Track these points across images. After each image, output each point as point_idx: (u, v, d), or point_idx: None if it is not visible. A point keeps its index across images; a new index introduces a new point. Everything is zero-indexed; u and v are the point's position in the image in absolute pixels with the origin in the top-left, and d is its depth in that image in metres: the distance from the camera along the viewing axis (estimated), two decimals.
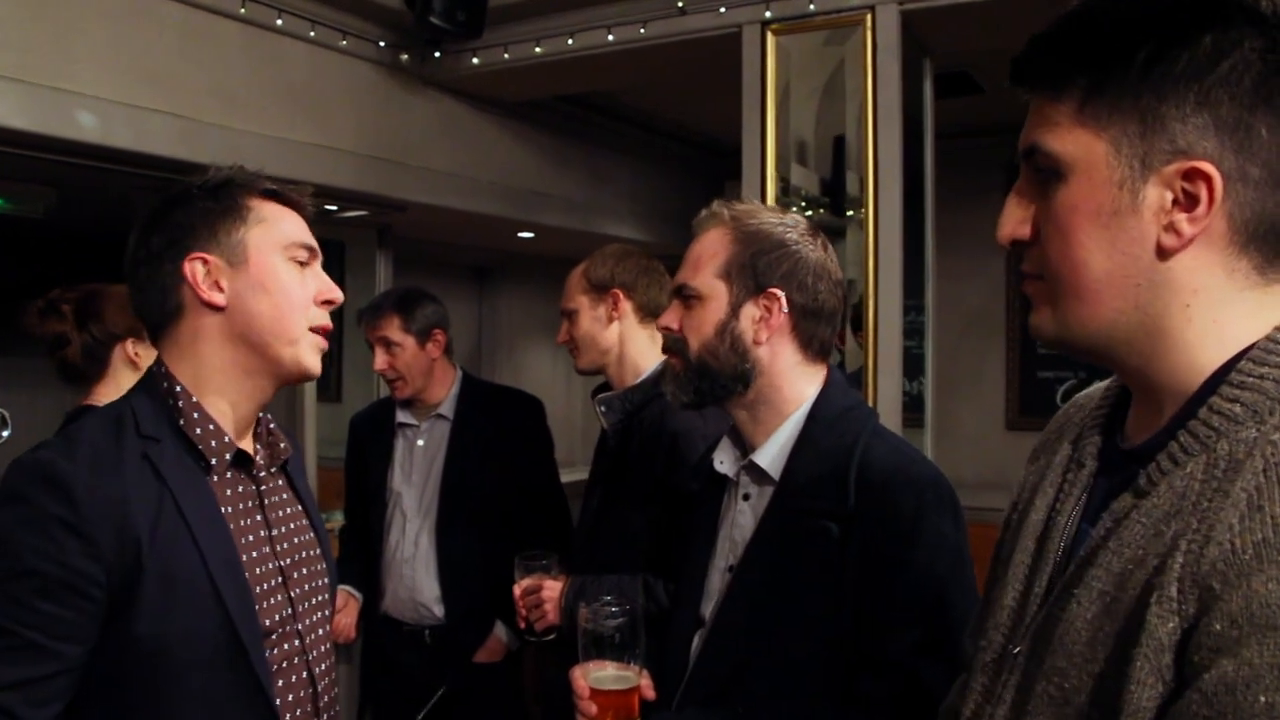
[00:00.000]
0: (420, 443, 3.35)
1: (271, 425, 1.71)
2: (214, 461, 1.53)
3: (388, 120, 4.28)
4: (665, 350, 1.83)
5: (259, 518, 1.60)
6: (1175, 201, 0.91)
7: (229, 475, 1.56)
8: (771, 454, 1.74)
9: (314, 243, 1.63)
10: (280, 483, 1.70)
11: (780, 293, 1.72)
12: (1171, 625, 0.82)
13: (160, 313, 1.57)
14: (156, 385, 1.55)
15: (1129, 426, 1.03)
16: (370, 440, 3.48)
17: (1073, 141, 0.94)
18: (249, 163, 3.40)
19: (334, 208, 4.25)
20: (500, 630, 3.29)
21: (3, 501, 1.41)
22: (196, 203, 1.56)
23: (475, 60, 4.24)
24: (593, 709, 1.70)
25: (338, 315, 5.27)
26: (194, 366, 1.55)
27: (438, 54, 4.27)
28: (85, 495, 1.37)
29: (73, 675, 1.38)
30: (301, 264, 1.60)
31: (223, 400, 1.56)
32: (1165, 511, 0.88)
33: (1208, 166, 0.89)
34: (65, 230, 4.00)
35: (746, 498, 1.78)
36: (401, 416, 3.38)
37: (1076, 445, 1.08)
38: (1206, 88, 0.88)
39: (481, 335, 7.10)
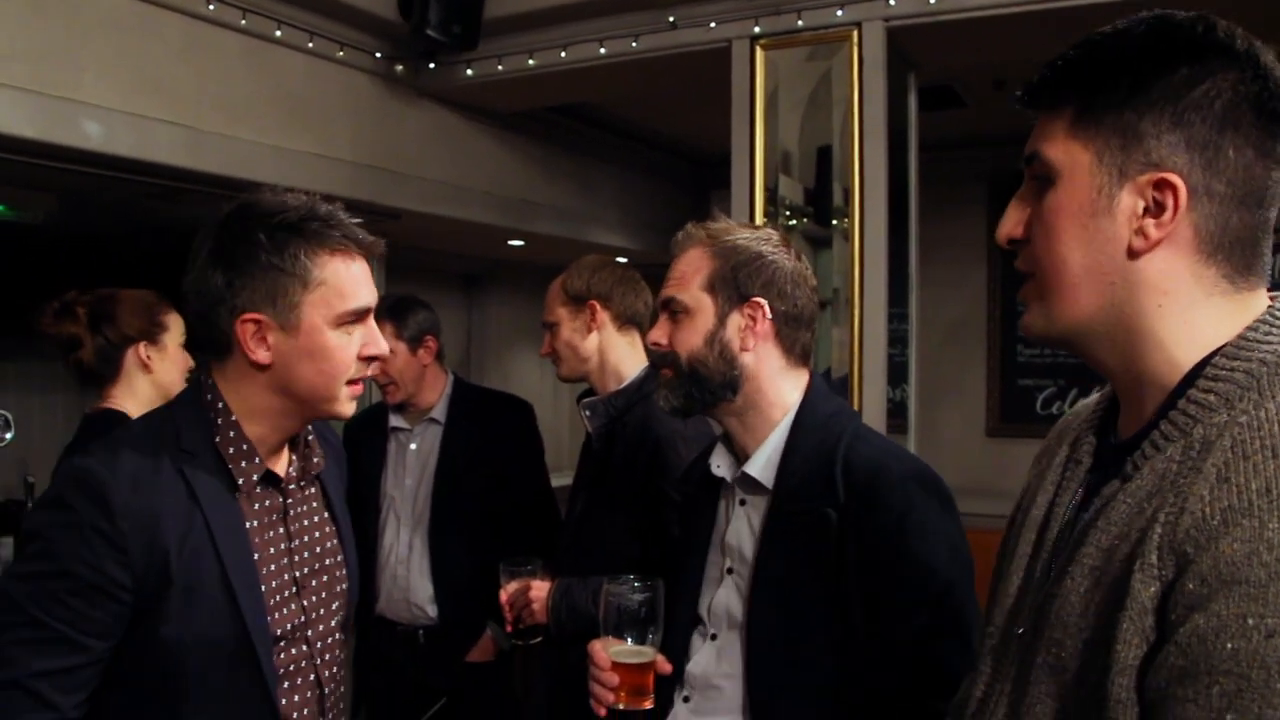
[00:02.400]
0: (413, 446, 3.39)
1: (310, 437, 1.75)
2: (240, 482, 1.59)
3: (383, 130, 4.33)
4: (654, 363, 1.90)
5: (281, 530, 1.66)
6: (1146, 209, 1.01)
7: (256, 490, 1.62)
8: (761, 464, 1.79)
9: (370, 301, 1.64)
10: (311, 492, 1.75)
11: (763, 301, 1.79)
12: (1153, 589, 0.91)
13: (212, 345, 1.61)
14: (201, 397, 1.61)
15: (1120, 426, 1.12)
16: (364, 444, 3.51)
17: (1064, 150, 1.06)
18: (246, 171, 3.46)
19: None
20: (492, 630, 3.32)
21: (49, 504, 1.51)
22: (260, 254, 1.54)
23: (469, 72, 4.30)
24: (614, 679, 1.74)
25: None
26: (237, 397, 1.60)
27: (433, 65, 4.32)
28: (123, 509, 1.45)
29: (98, 667, 1.47)
30: (354, 323, 1.62)
31: (258, 426, 1.61)
32: (1148, 491, 0.98)
33: (1175, 178, 1.00)
34: (69, 236, 4.03)
35: (743, 503, 1.83)
36: (394, 420, 3.41)
37: (1074, 446, 1.18)
38: (1181, 109, 0.99)
39: (470, 342, 7.14)
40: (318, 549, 1.73)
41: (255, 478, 1.61)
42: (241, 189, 2.92)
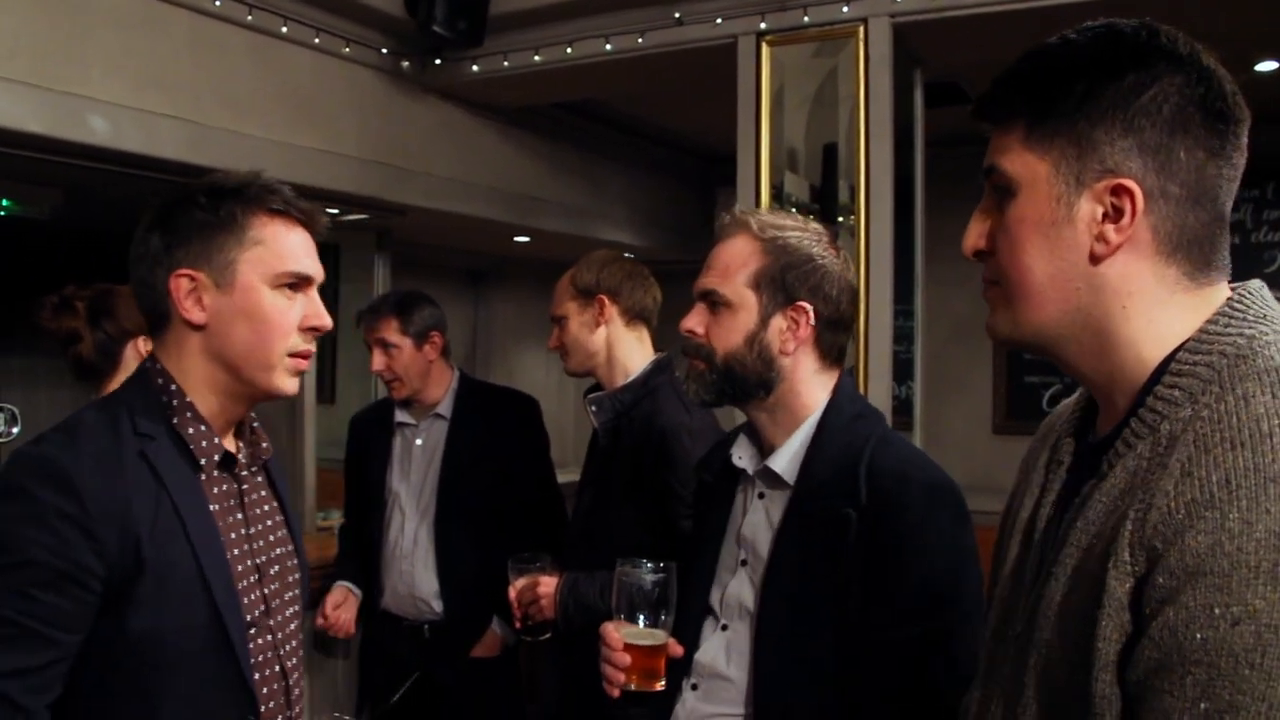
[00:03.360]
0: (418, 442, 3.40)
1: (255, 424, 1.73)
2: (203, 461, 1.56)
3: (389, 126, 4.34)
4: (686, 353, 1.86)
5: (239, 516, 1.63)
6: (1105, 214, 1.04)
7: (215, 473, 1.59)
8: (785, 459, 1.79)
9: (311, 270, 1.61)
10: (260, 480, 1.73)
11: (808, 306, 1.77)
12: (1128, 585, 0.93)
13: (153, 314, 1.59)
14: (151, 381, 1.58)
15: (1099, 425, 1.14)
16: (370, 439, 3.52)
17: (1021, 162, 1.08)
18: (252, 167, 3.47)
19: (335, 211, 4.30)
20: (497, 625, 3.33)
21: (5, 495, 1.43)
22: (197, 212, 1.54)
23: (475, 68, 4.30)
24: (626, 660, 1.75)
25: (334, 318, 5.31)
26: (180, 371, 1.57)
27: (439, 61, 4.33)
28: (93, 494, 1.41)
29: (68, 662, 1.42)
30: (293, 289, 1.59)
31: (206, 403, 1.58)
32: (1121, 489, 1.00)
33: (1131, 183, 1.02)
34: (73, 231, 4.04)
35: (762, 496, 1.83)
36: (400, 416, 3.42)
37: (1055, 447, 1.20)
38: (1131, 115, 1.02)
39: (476, 338, 7.15)
40: (271, 537, 1.71)
41: (216, 458, 1.58)
42: None
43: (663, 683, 1.78)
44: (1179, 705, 0.87)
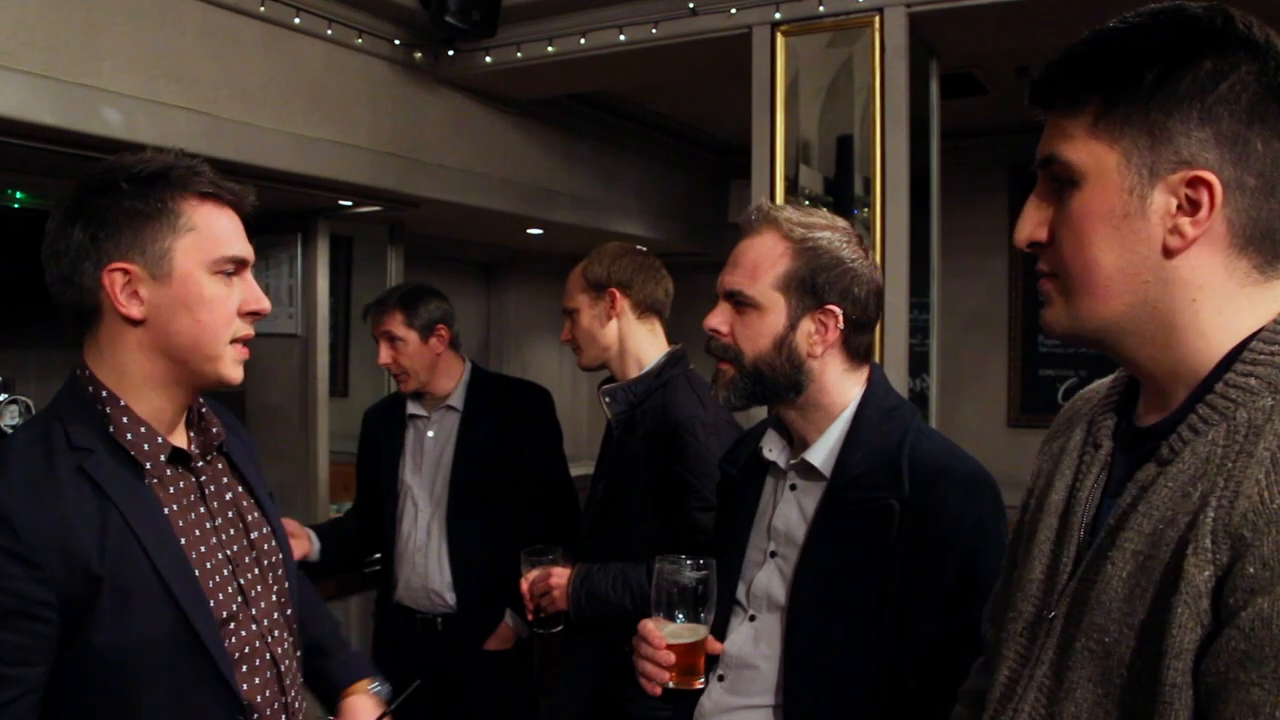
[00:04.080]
0: (430, 434, 3.40)
1: (204, 409, 1.67)
2: (149, 465, 1.51)
3: (402, 117, 4.33)
4: (711, 352, 1.84)
5: (201, 510, 1.59)
6: (1180, 206, 1.01)
7: (167, 473, 1.55)
8: (822, 452, 1.78)
9: (246, 252, 1.56)
10: (220, 467, 1.68)
11: (838, 310, 1.76)
12: (1207, 574, 0.91)
13: (78, 311, 1.51)
14: (81, 391, 1.52)
15: (1141, 410, 1.12)
16: (382, 432, 3.53)
17: (1087, 152, 1.05)
18: (266, 159, 3.46)
19: (349, 203, 4.30)
20: (510, 618, 3.34)
21: None
22: (124, 200, 1.47)
23: (488, 59, 4.29)
24: (670, 658, 1.75)
25: (345, 312, 5.31)
26: (116, 371, 1.51)
27: (452, 52, 4.31)
28: (25, 521, 1.35)
29: (36, 694, 1.39)
30: (230, 274, 1.54)
31: (147, 401, 1.53)
32: (1191, 475, 0.98)
33: (1209, 175, 0.99)
34: None
35: (794, 488, 1.82)
36: (412, 408, 3.43)
37: (1090, 429, 1.18)
38: (1209, 105, 0.99)
39: (490, 330, 7.15)
40: (241, 524, 1.66)
41: (163, 458, 1.53)
42: (260, 176, 2.92)
43: (703, 680, 1.78)
44: (1267, 698, 0.85)
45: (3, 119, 2.87)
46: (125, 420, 1.50)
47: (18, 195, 3.68)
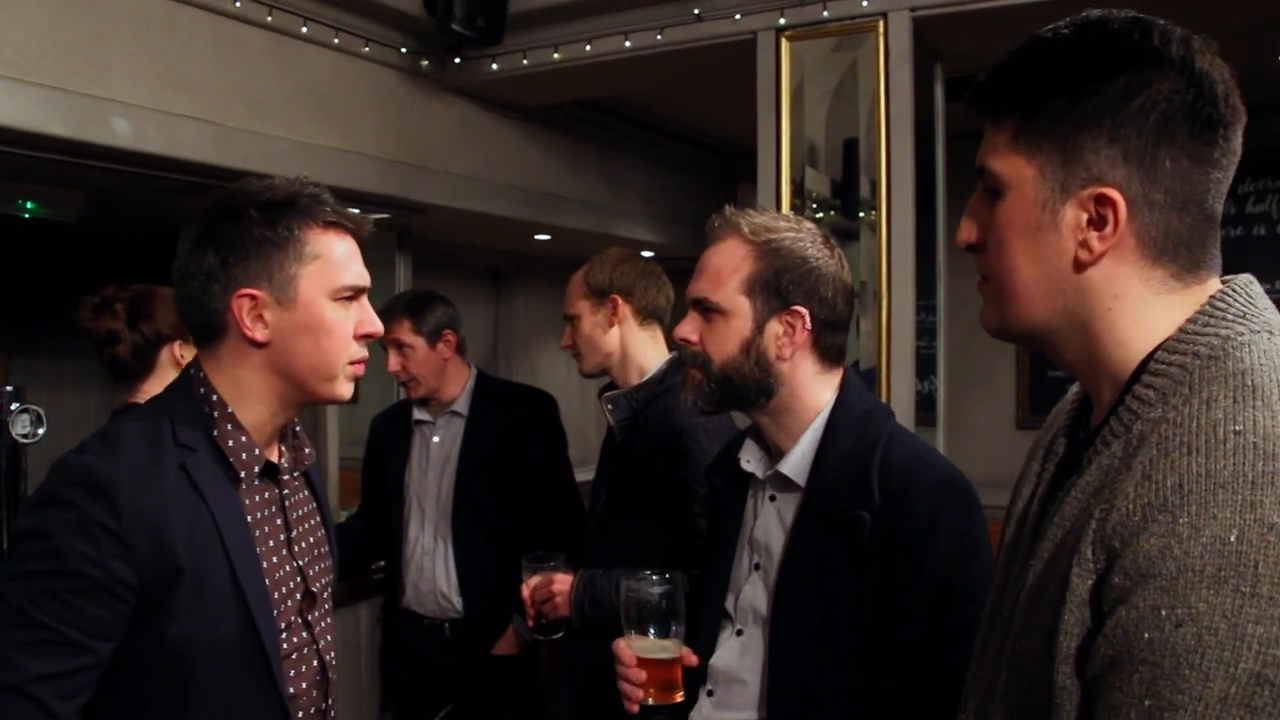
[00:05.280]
0: (435, 439, 3.42)
1: (297, 429, 1.75)
2: (243, 474, 1.58)
3: (409, 125, 4.35)
4: (683, 360, 1.84)
5: (279, 521, 1.66)
6: (1090, 221, 1.04)
7: (255, 482, 1.61)
8: (794, 462, 1.77)
9: (364, 280, 1.63)
10: (299, 483, 1.75)
11: (804, 310, 1.74)
12: (1089, 582, 0.95)
13: (205, 328, 1.59)
14: (193, 391, 1.59)
15: (1092, 418, 1.15)
16: (389, 439, 3.55)
17: (1009, 164, 1.08)
18: (274, 167, 3.49)
19: (356, 210, 4.30)
20: (516, 623, 3.34)
21: (48, 502, 1.46)
22: (253, 228, 1.54)
23: (495, 66, 4.30)
24: (642, 675, 1.73)
25: None
26: (231, 383, 1.58)
27: (458, 60, 4.33)
28: (129, 504, 1.42)
29: (100, 669, 1.44)
30: (350, 300, 1.61)
31: (254, 414, 1.59)
32: (1094, 487, 1.01)
33: (1114, 193, 1.02)
34: (99, 233, 4.07)
35: (773, 499, 1.81)
36: (418, 414, 3.45)
37: (1052, 439, 1.21)
38: (1118, 123, 1.01)
39: (498, 336, 7.16)
40: (311, 538, 1.74)
41: (256, 469, 1.60)
42: None
43: (681, 693, 1.76)
44: (1126, 701, 0.89)
45: (13, 130, 2.90)
46: (230, 427, 1.57)
47: (28, 205, 3.71)
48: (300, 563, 1.68)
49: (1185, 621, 0.86)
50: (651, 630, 1.75)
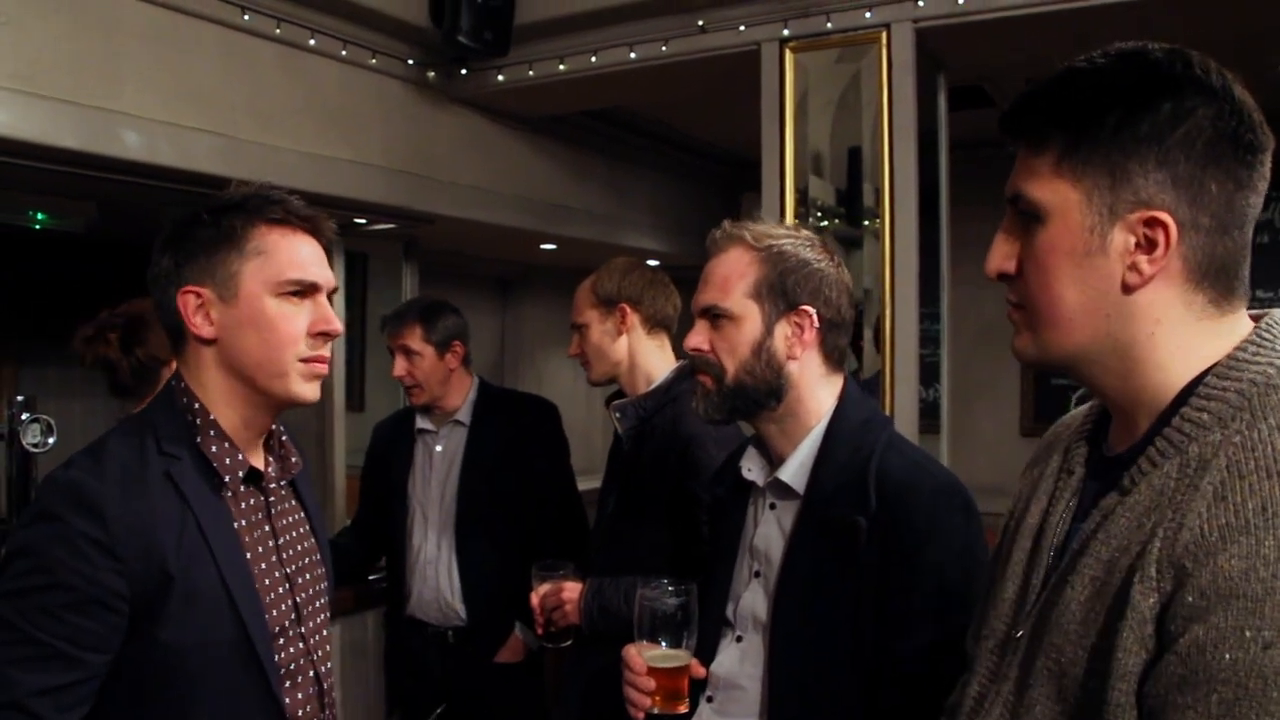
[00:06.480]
0: (438, 448, 3.44)
1: (284, 438, 1.77)
2: (228, 479, 1.60)
3: (416, 136, 4.37)
4: (695, 369, 1.87)
5: (267, 529, 1.67)
6: (1138, 245, 1.05)
7: (241, 489, 1.63)
8: (793, 469, 1.80)
9: (316, 276, 1.63)
10: (286, 491, 1.77)
11: (811, 309, 1.79)
12: (1152, 600, 0.95)
13: (172, 332, 1.64)
14: (176, 400, 1.61)
15: (1111, 438, 1.16)
16: (391, 446, 3.57)
17: (1051, 190, 1.09)
18: (283, 178, 3.51)
19: (363, 220, 4.34)
20: (520, 631, 3.37)
21: (38, 518, 1.48)
22: (200, 229, 1.58)
23: (501, 77, 4.33)
24: (650, 684, 1.75)
25: (361, 327, 5.34)
26: (202, 387, 1.61)
27: (464, 71, 4.36)
28: (116, 516, 1.45)
29: (96, 681, 1.47)
30: (299, 296, 1.61)
31: (228, 417, 1.62)
32: (1146, 506, 1.02)
33: (1165, 216, 1.03)
34: (109, 244, 4.09)
35: (773, 507, 1.84)
36: (421, 423, 3.47)
37: (1066, 456, 1.22)
38: (1166, 149, 1.03)
39: (504, 345, 7.18)
40: (299, 546, 1.75)
41: (240, 474, 1.61)
42: None
43: (686, 704, 1.78)
44: None
45: (25, 143, 2.93)
46: (212, 434, 1.59)
47: (39, 217, 3.73)
48: (288, 570, 1.69)
49: (1274, 644, 0.86)
50: (663, 640, 1.76)
